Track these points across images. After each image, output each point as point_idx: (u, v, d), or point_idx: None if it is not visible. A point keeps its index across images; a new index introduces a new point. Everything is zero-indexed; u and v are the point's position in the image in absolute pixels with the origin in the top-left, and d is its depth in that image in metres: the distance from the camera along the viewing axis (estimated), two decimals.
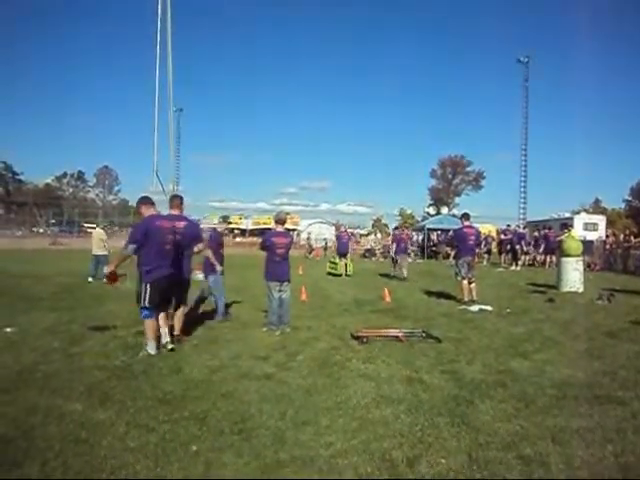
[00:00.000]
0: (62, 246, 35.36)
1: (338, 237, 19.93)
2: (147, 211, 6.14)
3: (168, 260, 5.96)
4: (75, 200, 79.81)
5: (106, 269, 6.12)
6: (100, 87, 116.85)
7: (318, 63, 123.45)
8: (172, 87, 13.28)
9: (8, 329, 6.84)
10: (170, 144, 15.37)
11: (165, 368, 5.18)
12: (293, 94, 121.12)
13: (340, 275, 17.16)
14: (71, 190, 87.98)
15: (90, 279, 13.46)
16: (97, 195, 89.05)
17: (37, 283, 12.72)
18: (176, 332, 6.44)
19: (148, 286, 5.78)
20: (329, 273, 17.70)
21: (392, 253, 17.23)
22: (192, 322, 7.22)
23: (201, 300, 8.53)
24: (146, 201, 6.29)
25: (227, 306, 8.44)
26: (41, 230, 54.93)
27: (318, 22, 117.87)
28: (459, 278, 10.43)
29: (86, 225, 59.06)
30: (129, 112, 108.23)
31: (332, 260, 18.74)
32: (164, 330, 6.05)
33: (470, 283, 10.33)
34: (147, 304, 5.76)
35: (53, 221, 59.02)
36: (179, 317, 6.56)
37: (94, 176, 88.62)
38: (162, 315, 6.11)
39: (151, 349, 5.73)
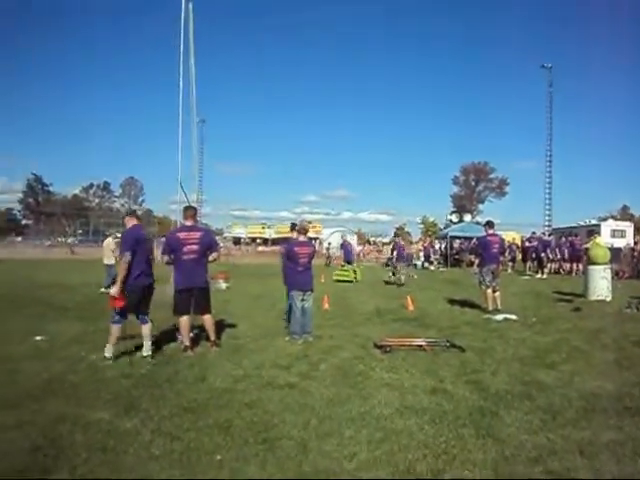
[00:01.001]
0: (78, 256, 35.99)
1: (344, 246, 20.29)
2: (130, 222, 6.42)
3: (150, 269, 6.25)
4: (101, 210, 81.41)
5: (113, 290, 6.02)
6: (125, 100, 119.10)
7: (338, 71, 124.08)
8: (195, 99, 13.45)
9: (38, 337, 7.01)
10: (193, 155, 15.56)
11: (189, 377, 5.23)
12: (314, 102, 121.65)
13: (350, 281, 17.76)
14: (97, 200, 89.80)
15: (102, 289, 13.59)
16: (122, 205, 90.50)
17: (63, 293, 13.00)
18: (212, 339, 6.62)
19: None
20: (337, 280, 17.99)
21: (393, 260, 17.79)
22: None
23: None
24: (131, 214, 6.72)
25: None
26: (69, 240, 56.12)
27: (337, 30, 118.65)
28: (483, 287, 10.30)
29: (112, 236, 60.12)
30: (154, 124, 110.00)
31: (342, 267, 19.68)
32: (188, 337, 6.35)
33: (494, 292, 10.19)
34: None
35: (80, 231, 60.25)
36: (210, 325, 6.64)
37: (120, 187, 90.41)
38: (186, 319, 6.41)
39: (108, 352, 5.93)
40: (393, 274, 17.37)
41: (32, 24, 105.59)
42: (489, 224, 11.08)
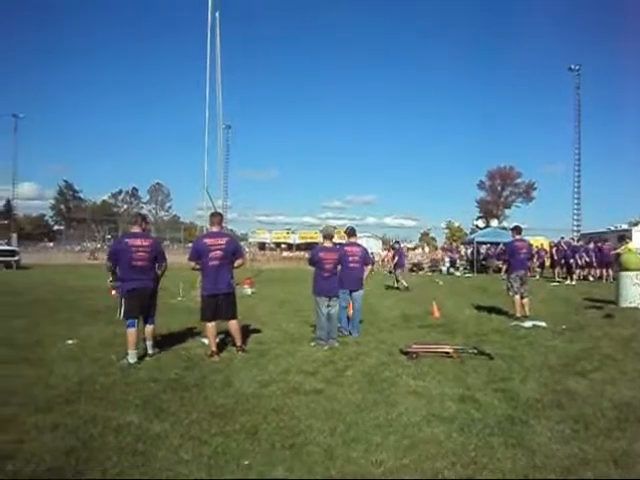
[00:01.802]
0: (98, 261, 36.67)
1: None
2: (130, 229, 6.74)
3: (143, 274, 6.40)
4: (129, 216, 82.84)
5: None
6: (153, 107, 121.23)
7: (363, 76, 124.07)
8: (221, 105, 13.66)
9: (70, 341, 7.17)
10: (219, 161, 15.79)
11: (216, 382, 5.28)
12: (339, 107, 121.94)
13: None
14: (125, 206, 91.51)
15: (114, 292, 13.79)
16: (150, 211, 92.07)
17: (93, 297, 13.25)
18: (238, 344, 6.68)
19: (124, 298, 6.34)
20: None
21: (391, 266, 18.50)
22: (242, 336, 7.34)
23: None
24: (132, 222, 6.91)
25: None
26: (98, 245, 57.27)
27: (361, 35, 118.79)
28: (511, 293, 10.15)
29: None
30: (180, 131, 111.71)
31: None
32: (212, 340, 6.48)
33: (522, 298, 10.03)
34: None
35: (109, 236, 61.37)
36: (236, 331, 6.71)
37: (147, 193, 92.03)
38: (212, 324, 6.50)
39: (132, 358, 6.08)
40: (397, 280, 17.82)
41: (66, 37, 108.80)
42: (516, 229, 10.93)
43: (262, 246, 57.11)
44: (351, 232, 8.81)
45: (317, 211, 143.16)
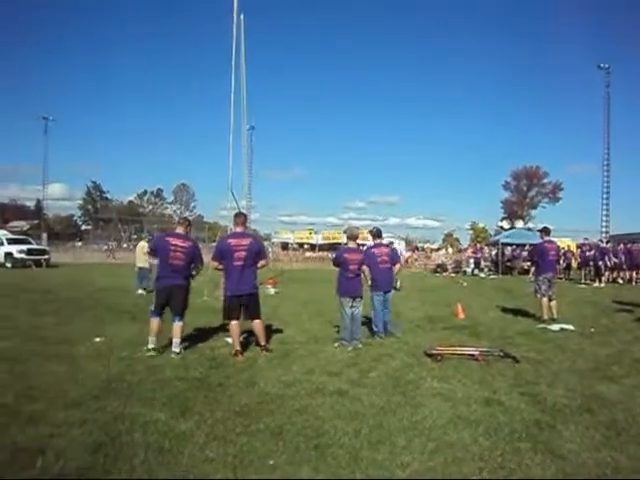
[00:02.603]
0: (116, 260, 37.34)
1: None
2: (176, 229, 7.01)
3: (177, 273, 6.64)
4: (154, 216, 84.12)
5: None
6: (177, 108, 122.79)
7: (386, 76, 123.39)
8: (246, 106, 13.75)
9: (97, 339, 7.30)
10: (243, 161, 15.90)
11: (241, 381, 5.31)
12: (361, 107, 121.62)
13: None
14: (151, 207, 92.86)
15: (140, 291, 14.07)
16: (174, 211, 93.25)
17: (119, 295, 13.48)
18: (262, 344, 6.73)
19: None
20: None
21: None
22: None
23: None
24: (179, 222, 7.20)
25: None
26: (124, 245, 58.23)
27: (385, 36, 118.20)
28: (539, 295, 9.98)
29: None
30: (204, 131, 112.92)
31: None
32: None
33: (550, 300, 9.85)
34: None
35: (135, 236, 62.36)
36: (260, 331, 6.75)
37: (172, 193, 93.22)
38: (236, 324, 6.58)
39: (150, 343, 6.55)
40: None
41: (91, 37, 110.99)
42: (545, 230, 10.72)
43: (285, 246, 57.19)
44: (377, 233, 8.70)
45: (340, 211, 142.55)
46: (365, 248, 8.64)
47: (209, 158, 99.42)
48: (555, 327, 8.89)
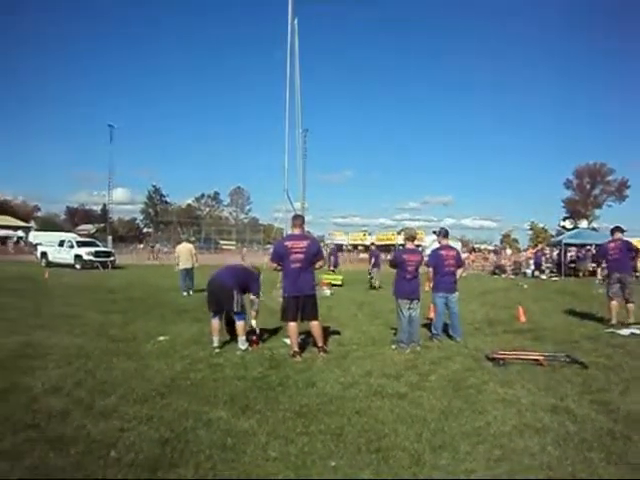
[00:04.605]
0: (158, 261, 38.53)
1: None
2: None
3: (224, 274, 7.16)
4: (211, 219, 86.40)
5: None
6: (233, 113, 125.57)
7: (440, 78, 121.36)
8: (300, 109, 13.89)
9: (161, 337, 7.57)
10: (298, 164, 16.05)
11: (300, 382, 5.35)
12: (414, 109, 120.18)
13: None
14: (208, 210, 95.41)
15: (185, 293, 14.38)
16: (230, 214, 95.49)
17: (180, 296, 13.93)
18: (320, 345, 6.76)
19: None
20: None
21: (369, 268, 19.14)
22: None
23: None
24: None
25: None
26: (155, 246, 60.21)
27: (439, 35, 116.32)
28: (608, 297, 9.50)
29: (222, 242, 63.39)
30: (259, 135, 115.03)
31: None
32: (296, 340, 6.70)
33: (627, 303, 9.34)
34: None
35: (193, 238, 64.31)
36: (317, 332, 6.78)
37: (228, 196, 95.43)
38: (294, 325, 6.64)
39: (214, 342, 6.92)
40: (371, 279, 18.62)
41: (150, 43, 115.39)
42: (616, 229, 10.07)
43: (339, 248, 57.34)
44: (444, 234, 8.48)
45: (392, 212, 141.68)
46: (433, 249, 8.51)
47: (263, 161, 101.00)
48: (625, 332, 8.44)
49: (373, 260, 18.96)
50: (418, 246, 8.06)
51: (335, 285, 17.53)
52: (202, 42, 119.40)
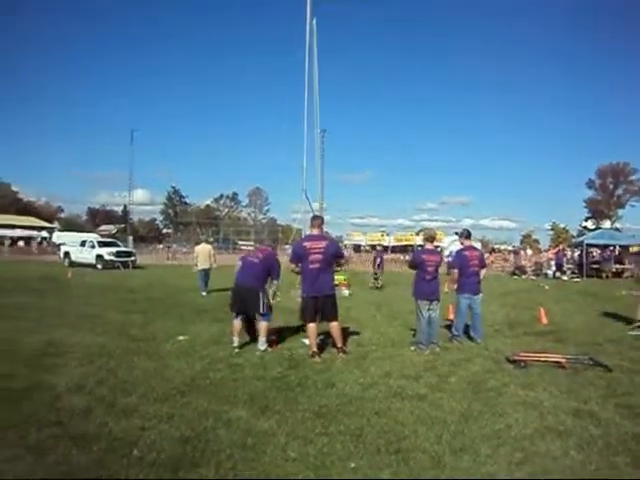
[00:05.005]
0: (176, 261, 38.85)
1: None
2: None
3: (249, 276, 7.04)
4: (230, 219, 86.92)
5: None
6: (251, 114, 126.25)
7: (459, 78, 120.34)
8: (319, 110, 13.91)
9: (181, 337, 7.63)
10: (316, 164, 16.06)
11: (319, 382, 5.35)
12: (430, 107, 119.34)
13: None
14: (226, 210, 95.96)
15: (204, 293, 14.52)
16: (249, 214, 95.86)
17: (198, 296, 14.03)
18: (339, 345, 6.75)
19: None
20: None
21: (374, 268, 19.21)
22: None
23: None
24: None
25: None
26: (173, 246, 60.87)
27: (456, 36, 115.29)
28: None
29: (240, 243, 63.76)
30: (277, 136, 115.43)
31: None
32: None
33: None
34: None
35: (211, 239, 64.86)
36: (336, 332, 6.78)
37: (246, 197, 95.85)
38: (313, 325, 6.65)
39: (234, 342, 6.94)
40: (375, 280, 18.64)
41: (166, 46, 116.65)
42: None
43: (357, 248, 57.24)
44: (467, 235, 8.46)
45: (410, 213, 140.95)
46: (457, 250, 8.47)
47: (282, 161, 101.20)
48: None
49: (378, 260, 19.28)
50: (437, 247, 7.98)
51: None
52: (221, 41, 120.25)
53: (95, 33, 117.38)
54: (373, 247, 60.45)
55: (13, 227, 54.91)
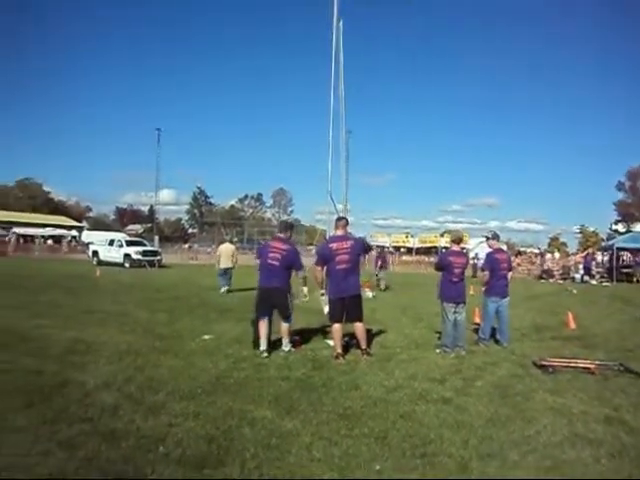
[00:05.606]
0: (197, 261, 39.52)
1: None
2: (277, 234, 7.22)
3: (273, 275, 6.85)
4: (254, 220, 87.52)
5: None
6: (277, 115, 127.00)
7: (485, 77, 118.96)
8: (344, 111, 13.88)
9: (206, 336, 7.71)
10: (341, 166, 16.05)
11: (343, 384, 5.34)
12: (454, 108, 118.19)
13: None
14: (251, 211, 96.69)
15: (223, 290, 14.87)
16: (273, 215, 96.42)
17: (223, 296, 14.16)
18: (363, 347, 6.73)
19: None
20: None
21: (375, 269, 19.13)
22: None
23: None
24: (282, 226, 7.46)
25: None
26: (195, 246, 61.52)
27: (481, 38, 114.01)
28: None
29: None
30: (301, 137, 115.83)
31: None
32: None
33: None
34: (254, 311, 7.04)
35: (235, 239, 65.35)
36: (361, 333, 6.76)
37: (271, 197, 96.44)
38: (339, 326, 6.64)
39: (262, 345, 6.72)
40: (378, 281, 18.43)
41: (194, 48, 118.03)
42: None
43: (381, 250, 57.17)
44: (496, 237, 8.35)
45: (435, 215, 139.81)
46: (487, 253, 8.34)
47: (306, 162, 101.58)
48: None
49: (380, 262, 19.06)
50: (463, 249, 7.85)
51: None
52: (247, 43, 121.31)
53: (129, 35, 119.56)
54: (397, 249, 60.40)
55: (44, 226, 56.24)
